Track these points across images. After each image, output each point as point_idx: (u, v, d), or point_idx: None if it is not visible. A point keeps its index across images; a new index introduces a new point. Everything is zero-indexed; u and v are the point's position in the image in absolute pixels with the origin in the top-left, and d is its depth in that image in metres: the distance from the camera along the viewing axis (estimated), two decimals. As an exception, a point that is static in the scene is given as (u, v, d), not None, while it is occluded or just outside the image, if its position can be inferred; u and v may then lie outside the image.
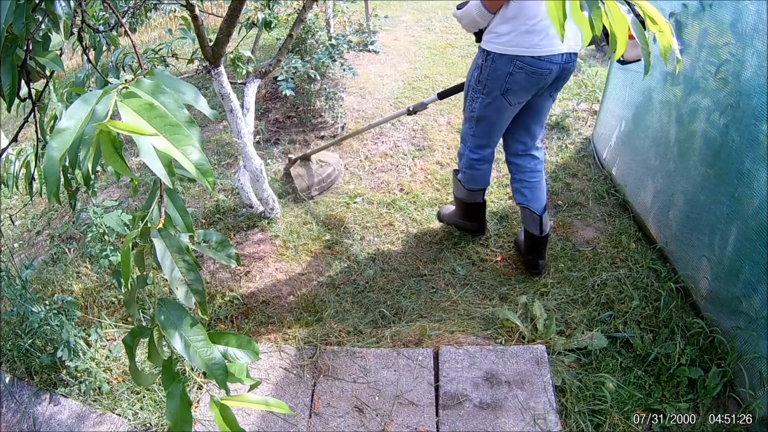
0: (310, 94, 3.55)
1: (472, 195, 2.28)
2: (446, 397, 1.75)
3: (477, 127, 2.05)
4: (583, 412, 1.68)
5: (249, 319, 2.17)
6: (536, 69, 1.78)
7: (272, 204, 2.67)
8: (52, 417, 1.86)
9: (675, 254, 2.14)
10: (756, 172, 1.60)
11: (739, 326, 1.70)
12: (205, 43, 1.98)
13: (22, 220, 3.10)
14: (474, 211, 2.38)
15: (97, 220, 2.07)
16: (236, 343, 0.82)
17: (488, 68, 1.84)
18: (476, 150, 2.13)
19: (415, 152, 3.23)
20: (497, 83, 1.85)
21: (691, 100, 2.00)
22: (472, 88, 1.96)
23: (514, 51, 1.76)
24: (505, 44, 1.77)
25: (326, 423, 1.72)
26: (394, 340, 1.99)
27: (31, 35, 1.00)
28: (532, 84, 1.83)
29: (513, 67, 1.79)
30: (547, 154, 3.09)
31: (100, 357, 2.01)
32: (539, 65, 1.77)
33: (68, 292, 2.36)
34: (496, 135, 2.08)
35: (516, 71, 1.79)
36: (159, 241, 0.72)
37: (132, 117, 0.62)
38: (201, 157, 0.63)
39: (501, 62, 1.80)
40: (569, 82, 3.88)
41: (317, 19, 3.76)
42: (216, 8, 5.17)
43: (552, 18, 0.76)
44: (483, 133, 2.06)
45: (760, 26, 1.57)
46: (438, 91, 2.49)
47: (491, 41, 1.81)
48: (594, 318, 2.02)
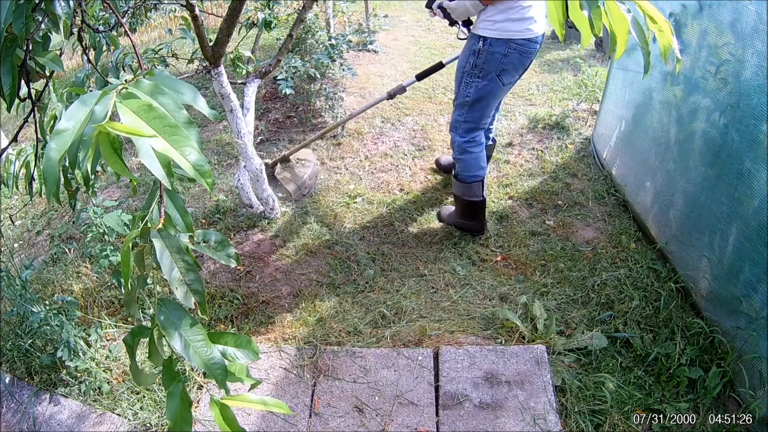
0: (310, 94, 3.55)
1: (471, 189, 2.35)
2: (446, 397, 1.75)
3: (470, 111, 2.22)
4: (583, 412, 1.68)
5: (249, 319, 2.17)
6: (526, 49, 2.05)
7: (272, 204, 2.67)
8: (52, 417, 1.86)
9: (675, 254, 2.14)
10: (756, 172, 1.60)
11: (739, 326, 1.70)
12: (205, 43, 1.98)
13: (22, 220, 3.10)
14: (474, 209, 2.42)
15: (97, 220, 2.07)
16: (236, 342, 0.83)
17: (485, 52, 2.05)
18: (466, 134, 2.28)
19: (415, 152, 3.23)
20: (494, 65, 2.07)
21: (691, 100, 2.00)
22: (468, 74, 2.14)
23: (509, 35, 2.00)
24: (500, 30, 2.00)
25: (326, 423, 1.72)
26: (394, 340, 1.99)
27: (31, 35, 1.00)
28: (522, 63, 2.10)
29: (508, 49, 2.02)
30: (546, 153, 3.10)
31: (100, 357, 2.01)
32: (529, 46, 2.04)
33: (68, 292, 2.36)
34: (486, 117, 2.28)
35: (510, 52, 2.03)
36: (158, 241, 0.73)
37: (131, 118, 0.62)
38: (199, 157, 0.63)
39: (497, 45, 2.02)
40: (569, 82, 3.89)
41: (317, 19, 3.76)
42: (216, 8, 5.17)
43: (552, 18, 0.76)
44: (475, 117, 2.25)
45: (760, 26, 1.57)
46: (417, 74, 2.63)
47: (488, 28, 2.02)
48: (594, 318, 2.02)
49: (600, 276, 2.21)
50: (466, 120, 2.24)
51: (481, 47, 2.05)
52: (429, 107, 3.72)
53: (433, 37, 5.14)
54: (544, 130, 3.32)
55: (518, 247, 2.45)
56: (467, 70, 2.13)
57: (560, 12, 0.74)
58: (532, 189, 2.81)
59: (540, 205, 2.72)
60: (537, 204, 2.72)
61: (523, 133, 3.33)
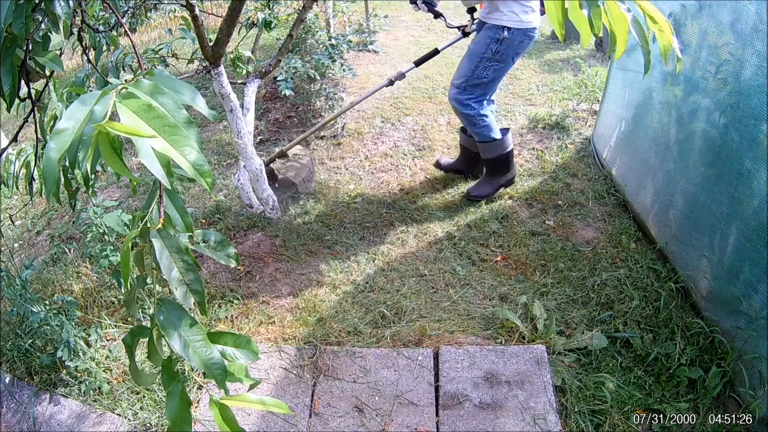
0: (310, 94, 3.55)
1: (504, 142, 2.65)
2: (446, 397, 1.75)
3: (484, 88, 2.54)
4: (583, 412, 1.68)
5: (249, 319, 2.17)
6: (533, 35, 2.43)
7: (272, 204, 2.67)
8: (52, 417, 1.86)
9: (675, 254, 2.14)
10: (756, 172, 1.60)
11: (739, 326, 1.70)
12: (205, 43, 1.98)
13: (22, 220, 3.11)
14: (507, 160, 2.71)
15: (97, 220, 2.07)
16: (235, 342, 0.82)
17: (508, 40, 2.38)
18: (480, 105, 2.58)
19: (415, 152, 3.23)
20: (512, 50, 2.42)
21: (691, 100, 2.00)
22: (488, 59, 2.44)
23: (526, 25, 2.36)
24: (519, 21, 2.35)
25: (326, 423, 1.72)
26: (394, 340, 1.99)
27: (30, 35, 1.00)
28: (528, 47, 2.49)
29: (524, 37, 2.39)
30: (547, 153, 3.10)
31: (100, 357, 2.01)
32: (534, 33, 2.42)
33: (68, 292, 2.36)
34: (495, 90, 2.64)
35: (525, 39, 2.40)
36: (158, 241, 0.72)
37: (130, 118, 0.62)
38: (199, 157, 0.63)
39: (517, 34, 2.37)
40: (569, 82, 3.89)
41: (317, 19, 3.76)
42: (216, 8, 5.17)
43: (552, 18, 0.76)
44: (487, 91, 2.58)
45: (760, 26, 1.57)
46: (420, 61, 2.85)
47: (511, 20, 2.35)
48: (594, 318, 2.02)
49: (600, 276, 2.20)
50: (480, 95, 2.54)
51: (505, 36, 2.37)
52: (429, 107, 3.72)
53: (433, 37, 5.14)
54: (544, 130, 3.32)
55: (518, 247, 2.45)
56: (488, 56, 2.42)
57: (560, 12, 0.74)
58: (532, 189, 2.81)
59: (540, 205, 2.72)
60: (537, 204, 2.72)
61: (523, 133, 3.33)
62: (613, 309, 2.04)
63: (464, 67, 2.50)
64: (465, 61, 2.51)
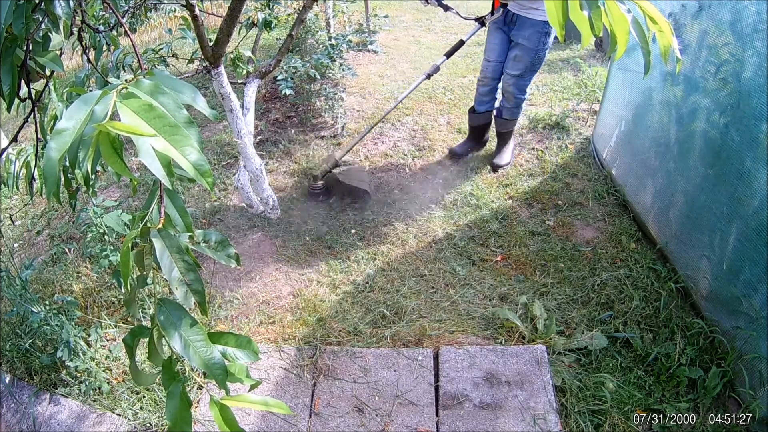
0: (310, 94, 3.55)
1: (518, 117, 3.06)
2: (446, 397, 1.75)
3: (533, 75, 2.84)
4: (583, 412, 1.68)
5: (249, 319, 2.17)
6: None
7: (272, 204, 2.67)
8: (52, 417, 1.86)
9: (675, 254, 2.14)
10: (756, 172, 1.60)
11: (739, 326, 1.70)
12: (205, 43, 1.98)
13: (22, 220, 3.10)
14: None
15: (97, 220, 2.07)
16: (236, 343, 0.82)
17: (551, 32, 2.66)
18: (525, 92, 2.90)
19: (415, 152, 3.23)
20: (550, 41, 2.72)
21: (691, 100, 2.00)
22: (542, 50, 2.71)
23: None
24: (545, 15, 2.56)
25: (326, 423, 1.72)
26: (394, 340, 1.99)
27: (31, 35, 1.00)
28: None
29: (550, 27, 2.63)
30: (547, 153, 3.10)
31: (100, 357, 2.01)
32: None
33: (68, 292, 2.36)
34: None
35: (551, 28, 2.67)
36: (158, 241, 0.72)
37: (131, 118, 0.62)
38: (199, 157, 0.63)
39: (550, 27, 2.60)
40: (569, 82, 3.89)
41: (317, 19, 3.76)
42: (216, 8, 5.17)
43: (552, 18, 0.76)
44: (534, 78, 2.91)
45: (760, 26, 1.57)
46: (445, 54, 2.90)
47: (545, 15, 2.55)
48: (594, 318, 2.02)
49: (600, 276, 2.20)
50: (531, 81, 2.87)
51: (549, 29, 2.65)
52: (429, 107, 3.72)
53: (433, 37, 5.13)
54: (544, 130, 3.32)
55: (518, 247, 2.45)
56: (541, 47, 2.68)
57: (560, 12, 0.74)
58: (532, 189, 2.81)
59: (540, 205, 2.72)
60: (537, 204, 2.72)
61: (523, 133, 3.33)
62: (613, 309, 2.04)
63: (523, 59, 2.74)
64: (520, 54, 2.74)
